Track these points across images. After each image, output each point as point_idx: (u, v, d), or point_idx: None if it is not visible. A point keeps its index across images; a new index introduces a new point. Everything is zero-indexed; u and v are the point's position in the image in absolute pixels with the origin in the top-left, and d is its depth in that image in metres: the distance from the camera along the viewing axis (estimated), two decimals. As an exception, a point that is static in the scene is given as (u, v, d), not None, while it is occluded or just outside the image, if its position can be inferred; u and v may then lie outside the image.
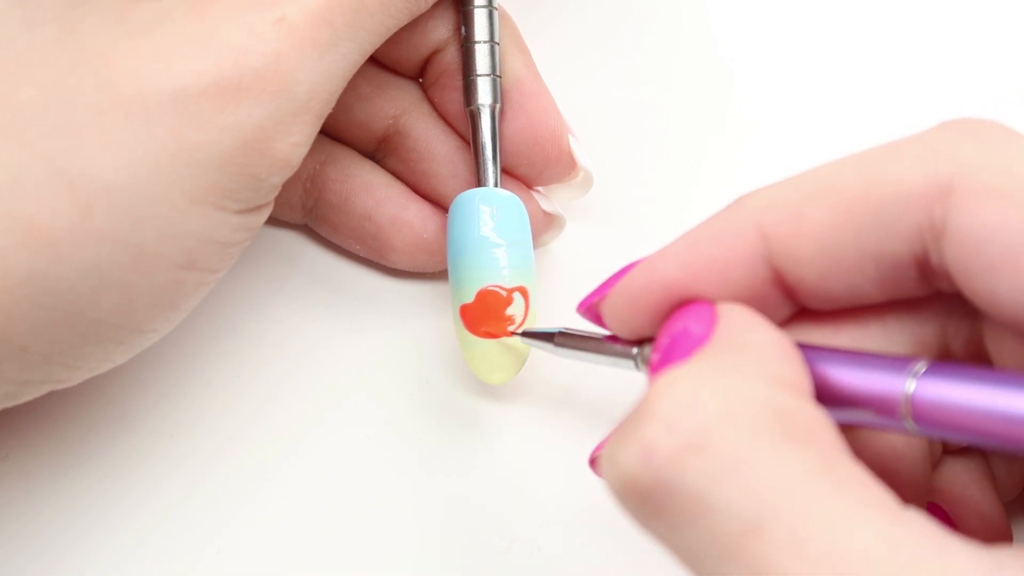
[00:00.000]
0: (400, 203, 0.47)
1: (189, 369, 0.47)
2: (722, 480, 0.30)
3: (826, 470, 0.30)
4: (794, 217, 0.34)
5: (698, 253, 0.35)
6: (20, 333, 0.38)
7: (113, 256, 0.38)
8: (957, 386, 0.32)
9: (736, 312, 0.35)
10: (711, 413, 0.31)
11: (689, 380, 0.32)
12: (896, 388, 0.33)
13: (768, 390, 0.32)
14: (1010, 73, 0.53)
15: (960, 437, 0.32)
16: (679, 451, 0.31)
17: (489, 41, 0.46)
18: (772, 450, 0.30)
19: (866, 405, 0.34)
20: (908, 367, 0.33)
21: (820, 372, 0.34)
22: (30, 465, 0.45)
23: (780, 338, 0.34)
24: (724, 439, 0.30)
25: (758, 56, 0.54)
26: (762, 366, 0.33)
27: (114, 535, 0.44)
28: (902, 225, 0.33)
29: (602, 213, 0.50)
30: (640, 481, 0.31)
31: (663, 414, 0.31)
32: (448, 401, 0.47)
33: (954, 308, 0.36)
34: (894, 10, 0.54)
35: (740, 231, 0.35)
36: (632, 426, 0.32)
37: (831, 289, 0.35)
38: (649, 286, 0.36)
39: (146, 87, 0.38)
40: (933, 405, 0.33)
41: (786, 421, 0.31)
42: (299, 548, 0.45)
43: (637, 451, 0.31)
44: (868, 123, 0.52)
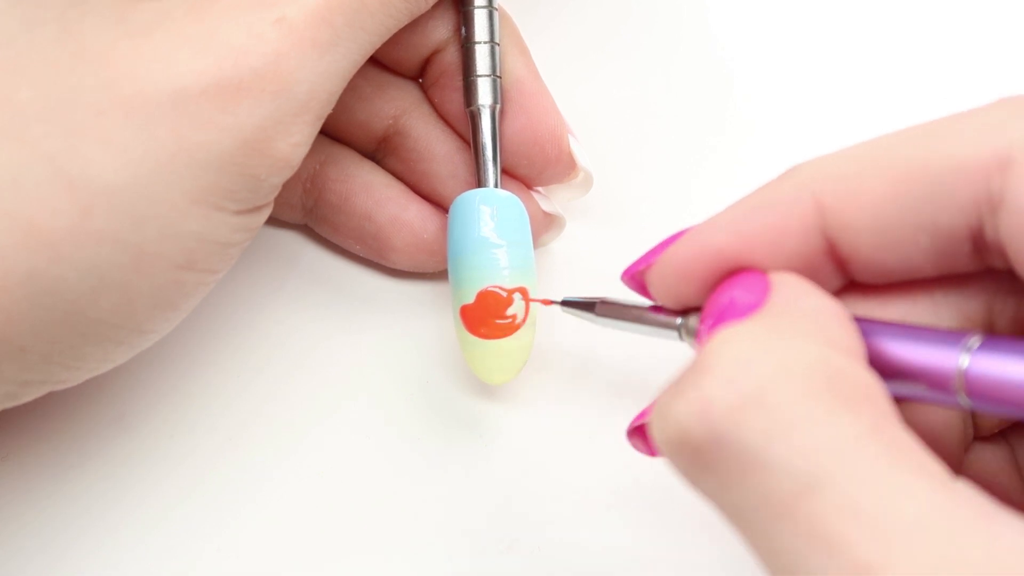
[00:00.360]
0: (400, 203, 0.47)
1: (189, 369, 0.47)
2: (778, 438, 0.30)
3: (880, 434, 0.30)
4: (850, 187, 0.34)
5: (752, 221, 0.35)
6: (20, 333, 0.38)
7: (113, 256, 0.38)
8: (1011, 360, 0.32)
9: (790, 280, 0.34)
10: (770, 370, 0.31)
11: (747, 338, 0.32)
12: (950, 362, 0.33)
13: (823, 351, 0.32)
14: (1010, 73, 0.53)
15: (1013, 412, 0.32)
16: (737, 406, 0.30)
17: (489, 41, 0.46)
18: (828, 411, 0.30)
19: (919, 378, 0.34)
20: (962, 341, 0.33)
21: (872, 343, 0.34)
22: (30, 465, 0.45)
23: (834, 305, 0.34)
24: (782, 397, 0.30)
25: (758, 56, 0.54)
26: (817, 329, 0.33)
27: (114, 535, 0.45)
28: (959, 197, 0.33)
29: (602, 213, 0.50)
30: (694, 435, 0.31)
31: (722, 369, 0.31)
32: (448, 401, 0.47)
33: (1002, 285, 0.36)
34: (894, 9, 0.54)
35: (795, 200, 0.35)
36: (688, 381, 0.31)
37: (884, 261, 0.35)
38: (700, 254, 0.36)
39: (146, 87, 0.38)
40: (987, 380, 0.32)
41: (842, 383, 0.31)
42: (299, 548, 0.45)
43: (693, 405, 0.31)
44: (868, 122, 0.52)
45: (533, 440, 0.46)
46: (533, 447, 0.46)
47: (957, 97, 0.52)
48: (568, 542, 0.45)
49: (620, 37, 0.54)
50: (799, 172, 0.35)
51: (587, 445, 0.46)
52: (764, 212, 0.35)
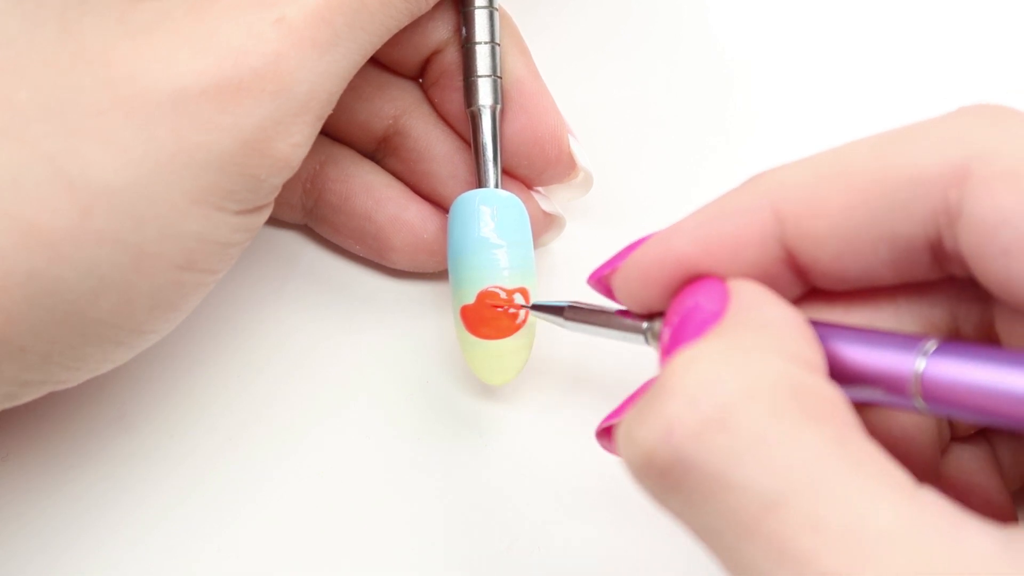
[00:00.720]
0: (400, 203, 0.47)
1: (189, 369, 0.47)
2: (742, 457, 0.30)
3: (843, 447, 0.30)
4: (809, 197, 0.34)
5: (711, 229, 0.35)
6: (19, 333, 0.38)
7: (113, 257, 0.38)
8: (967, 364, 0.32)
9: (748, 288, 0.35)
10: (733, 390, 0.31)
11: (709, 357, 0.32)
12: (906, 366, 0.33)
13: (786, 367, 0.32)
14: (1011, 72, 0.53)
15: (969, 416, 0.32)
16: (701, 428, 0.31)
17: (490, 42, 0.46)
18: (791, 427, 0.30)
19: (876, 382, 0.34)
20: (919, 345, 0.33)
21: (831, 349, 0.34)
22: (30, 465, 0.45)
23: (793, 314, 0.34)
24: (745, 416, 0.31)
25: (758, 56, 0.54)
26: (778, 343, 0.33)
27: (114, 535, 0.45)
28: (917, 208, 0.33)
29: (602, 213, 0.50)
30: (659, 458, 0.31)
31: (684, 391, 0.31)
32: (448, 401, 0.47)
33: (965, 292, 0.36)
34: (894, 9, 0.54)
35: (754, 209, 0.35)
36: (651, 403, 0.31)
37: (844, 270, 0.35)
38: (661, 260, 0.36)
39: (146, 87, 0.38)
40: (943, 383, 0.32)
41: (803, 398, 0.31)
42: (299, 548, 0.45)
43: (657, 428, 0.31)
44: (868, 122, 0.52)
45: (533, 440, 0.46)
46: (533, 447, 0.46)
47: (957, 96, 0.52)
48: (568, 542, 0.45)
49: (620, 37, 0.54)
50: (759, 181, 0.35)
51: (587, 445, 0.46)
52: (724, 220, 0.35)
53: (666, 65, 0.53)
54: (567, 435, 0.46)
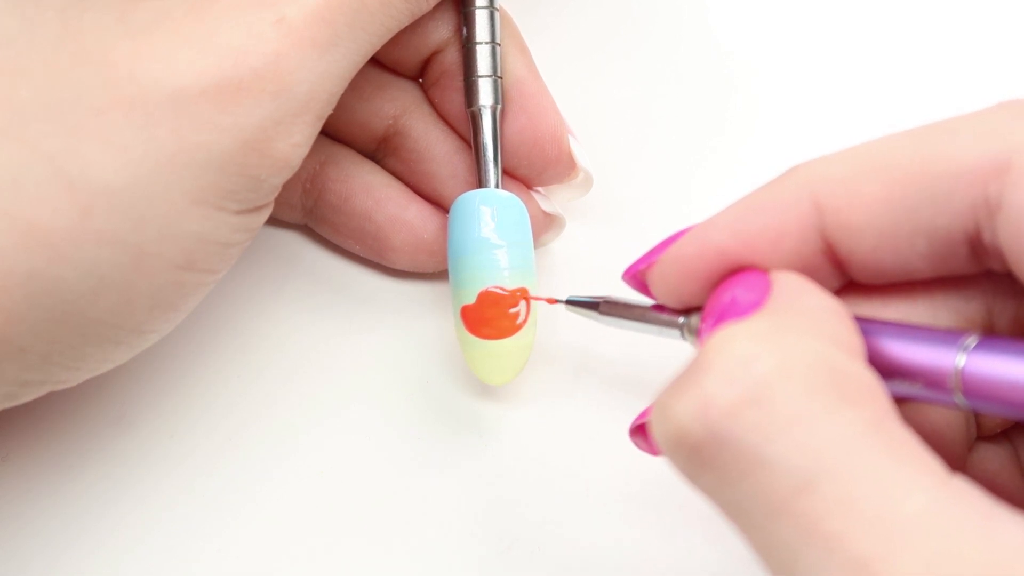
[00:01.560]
0: (400, 203, 0.47)
1: (189, 369, 0.47)
2: (777, 435, 0.30)
3: (879, 431, 0.30)
4: (848, 189, 0.34)
5: (751, 222, 0.35)
6: (19, 333, 0.38)
7: (113, 256, 0.38)
8: (1008, 360, 0.32)
9: (791, 278, 0.35)
10: (770, 368, 0.31)
11: (747, 336, 0.32)
12: (947, 361, 0.33)
13: (825, 349, 0.32)
14: (1011, 72, 0.53)
15: (1009, 411, 0.32)
16: (737, 405, 0.31)
17: (490, 42, 0.46)
18: (827, 408, 0.30)
19: (916, 377, 0.34)
20: (959, 340, 0.33)
21: (871, 342, 0.34)
22: (30, 465, 0.45)
23: (835, 303, 0.34)
24: (782, 395, 0.31)
25: (758, 56, 0.54)
26: (818, 327, 0.33)
27: (114, 535, 0.45)
28: (956, 201, 0.33)
29: (602, 213, 0.50)
30: (694, 433, 0.31)
31: (721, 367, 0.31)
32: (448, 401, 0.47)
33: (1001, 287, 0.36)
34: (894, 9, 0.54)
35: (794, 201, 0.35)
36: (688, 379, 0.31)
37: (882, 262, 0.35)
38: (701, 254, 0.36)
39: (146, 87, 0.38)
40: (983, 379, 0.33)
41: (841, 381, 0.31)
42: (299, 548, 0.45)
43: (693, 403, 0.31)
44: (868, 122, 0.52)
45: (533, 440, 0.46)
46: (533, 447, 0.46)
47: (958, 97, 0.52)
48: (568, 542, 0.45)
49: (620, 37, 0.54)
50: (798, 173, 0.35)
51: (587, 445, 0.46)
52: (763, 212, 0.35)
53: (666, 65, 0.53)
54: (567, 435, 0.46)
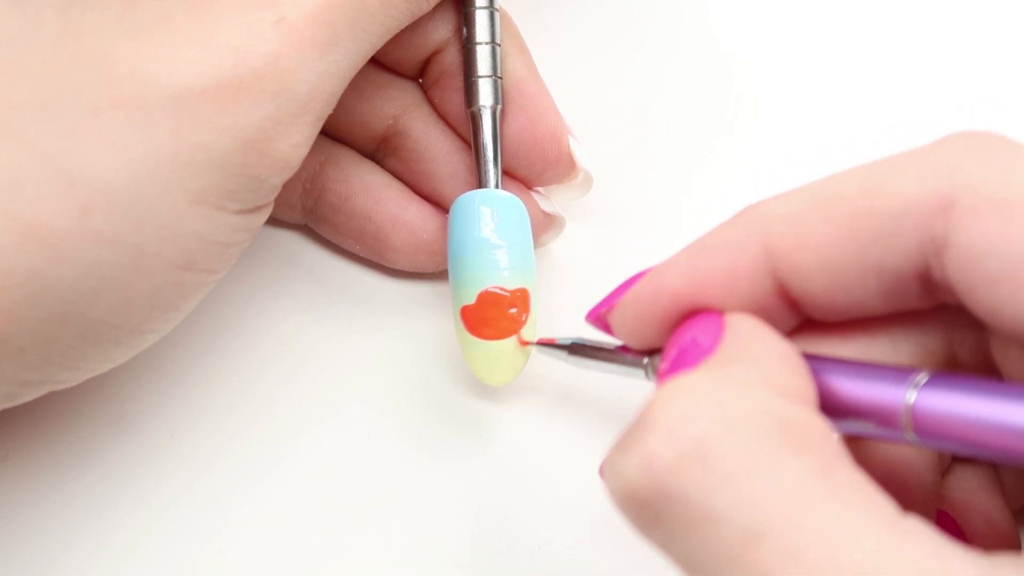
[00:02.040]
0: (400, 203, 0.47)
1: (189, 369, 0.47)
2: (721, 489, 0.30)
3: (826, 477, 0.30)
4: (797, 230, 0.35)
5: (703, 265, 0.36)
6: (19, 333, 0.38)
7: (112, 256, 0.38)
8: (958, 397, 0.32)
9: (743, 322, 0.35)
10: (711, 422, 0.31)
11: (690, 389, 0.32)
12: (897, 399, 0.33)
13: (770, 399, 0.32)
14: (1011, 72, 0.53)
15: (960, 449, 0.33)
16: (679, 460, 0.31)
17: (490, 42, 0.46)
18: (772, 458, 0.31)
19: (868, 416, 0.34)
20: (910, 378, 0.33)
21: (824, 382, 0.35)
22: (30, 465, 0.45)
23: (786, 348, 0.34)
24: (724, 448, 0.31)
25: (758, 57, 0.54)
26: (766, 375, 0.33)
27: (114, 535, 0.45)
28: (904, 239, 0.33)
29: (602, 213, 0.50)
30: (641, 490, 0.31)
31: (663, 423, 0.31)
32: (448, 401, 0.47)
33: (959, 319, 0.36)
34: (894, 10, 0.54)
35: (744, 243, 0.35)
36: (633, 435, 0.32)
37: (835, 302, 0.35)
38: (655, 297, 0.36)
39: (146, 87, 0.38)
40: (934, 416, 0.33)
41: (787, 429, 0.31)
42: (299, 548, 0.45)
43: (638, 460, 0.31)
44: (868, 124, 0.52)
45: (533, 440, 0.46)
46: (533, 447, 0.46)
47: (957, 97, 0.52)
48: (568, 542, 0.45)
49: (620, 37, 0.54)
50: (748, 215, 0.36)
51: (587, 445, 0.46)
52: (715, 255, 0.36)
53: (666, 65, 0.53)
54: (567, 435, 0.46)
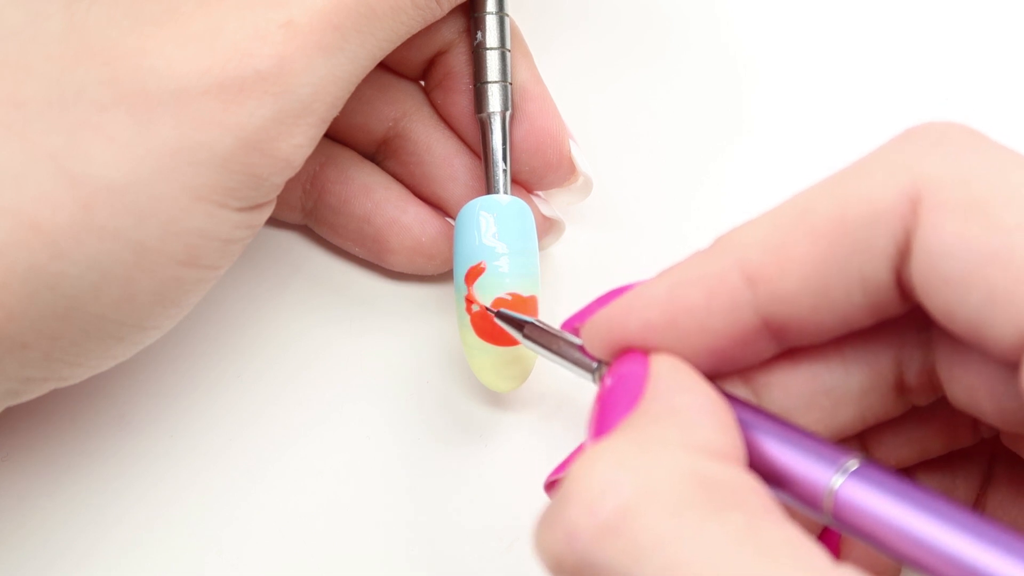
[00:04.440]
0: (399, 206, 0.47)
1: (190, 369, 0.47)
2: (645, 559, 0.30)
3: (753, 537, 0.30)
4: (776, 254, 0.34)
5: (680, 298, 0.35)
6: (21, 329, 0.38)
7: (115, 252, 0.38)
8: (881, 494, 0.32)
9: (666, 371, 0.34)
10: (629, 493, 0.31)
11: (608, 459, 0.31)
12: (823, 479, 0.33)
13: (691, 460, 0.31)
14: (1011, 71, 0.53)
15: (873, 544, 0.32)
16: (600, 533, 0.30)
17: (500, 48, 0.46)
18: (695, 523, 0.30)
19: (789, 486, 0.33)
20: (840, 461, 0.33)
21: (752, 439, 0.34)
22: (30, 465, 0.45)
23: (709, 399, 0.34)
24: (644, 517, 0.30)
25: (761, 63, 0.54)
26: (686, 434, 0.32)
27: (114, 534, 0.45)
28: (880, 244, 0.33)
29: (601, 218, 0.50)
30: (566, 562, 0.31)
31: (582, 497, 0.31)
32: (448, 402, 0.47)
33: (909, 337, 0.36)
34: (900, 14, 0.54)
35: (721, 276, 0.34)
36: (555, 508, 0.31)
37: (821, 322, 0.34)
38: (626, 325, 0.35)
39: (149, 84, 0.38)
40: (854, 508, 0.32)
41: (710, 490, 0.31)
42: (299, 548, 0.45)
43: (560, 534, 0.31)
44: (872, 128, 0.52)
45: (533, 441, 0.46)
46: (533, 447, 0.46)
47: (959, 98, 0.53)
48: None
49: (620, 42, 0.54)
50: (723, 245, 0.35)
51: (587, 447, 0.46)
52: (692, 288, 0.35)
53: (666, 69, 0.53)
54: (567, 435, 0.46)
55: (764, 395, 0.36)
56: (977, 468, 0.40)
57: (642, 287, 0.35)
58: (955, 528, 0.31)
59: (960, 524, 0.31)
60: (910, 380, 0.36)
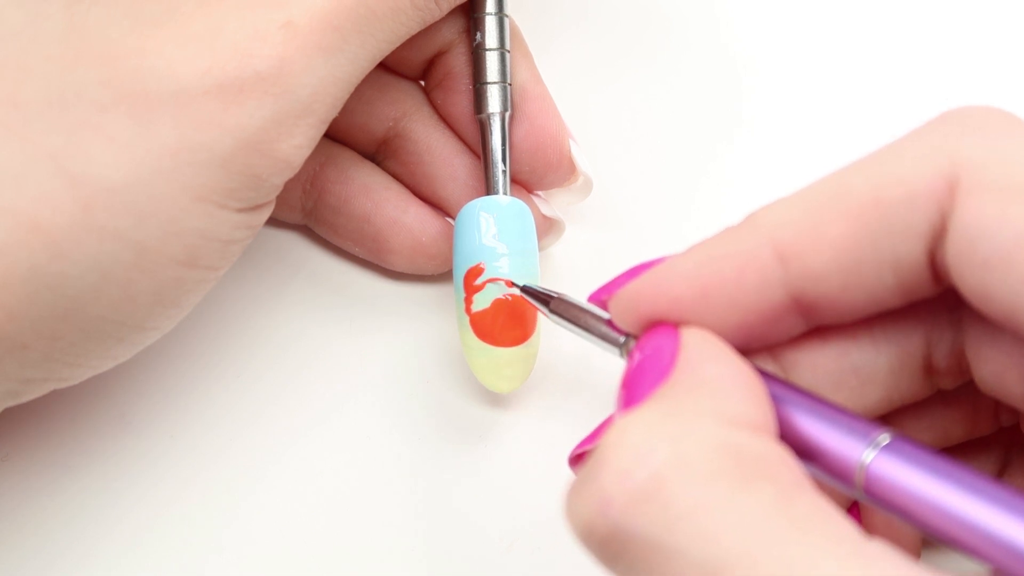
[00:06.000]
0: (399, 206, 0.47)
1: (191, 369, 0.47)
2: (677, 527, 0.30)
3: (784, 508, 0.30)
4: (809, 231, 0.34)
5: (710, 273, 0.35)
6: (21, 330, 0.38)
7: (114, 253, 0.38)
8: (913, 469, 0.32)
9: (698, 342, 0.34)
10: (663, 461, 0.31)
11: (642, 427, 0.32)
12: (854, 454, 0.33)
13: (723, 430, 0.32)
14: (1014, 71, 0.53)
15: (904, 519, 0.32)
16: (632, 500, 0.31)
17: (499, 48, 0.46)
18: (727, 492, 0.30)
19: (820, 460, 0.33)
20: (871, 435, 0.33)
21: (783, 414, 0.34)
22: (30, 465, 0.45)
23: (741, 371, 0.34)
24: (677, 486, 0.30)
25: (761, 62, 0.54)
26: (718, 405, 0.33)
27: (114, 534, 0.45)
28: (915, 224, 0.33)
29: (602, 217, 0.51)
30: (598, 529, 0.31)
31: (616, 464, 0.31)
32: (448, 401, 0.47)
33: (940, 318, 0.36)
34: (899, 13, 0.55)
35: (753, 251, 0.34)
36: (588, 475, 0.32)
37: (852, 302, 0.35)
38: (656, 300, 0.36)
39: (149, 85, 0.38)
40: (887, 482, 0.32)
41: (742, 461, 0.31)
42: (300, 548, 0.45)
43: (594, 501, 0.31)
44: (869, 127, 0.52)
45: (533, 440, 0.46)
46: (533, 447, 0.46)
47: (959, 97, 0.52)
48: (568, 542, 0.44)
49: (622, 42, 0.54)
50: (757, 220, 0.35)
51: (587, 446, 0.46)
52: (723, 263, 0.35)
53: (667, 69, 0.54)
54: (567, 435, 0.46)
55: (792, 373, 0.36)
56: (994, 457, 0.40)
57: (671, 261, 0.36)
58: (990, 502, 0.31)
59: (995, 498, 0.31)
60: (938, 362, 0.36)
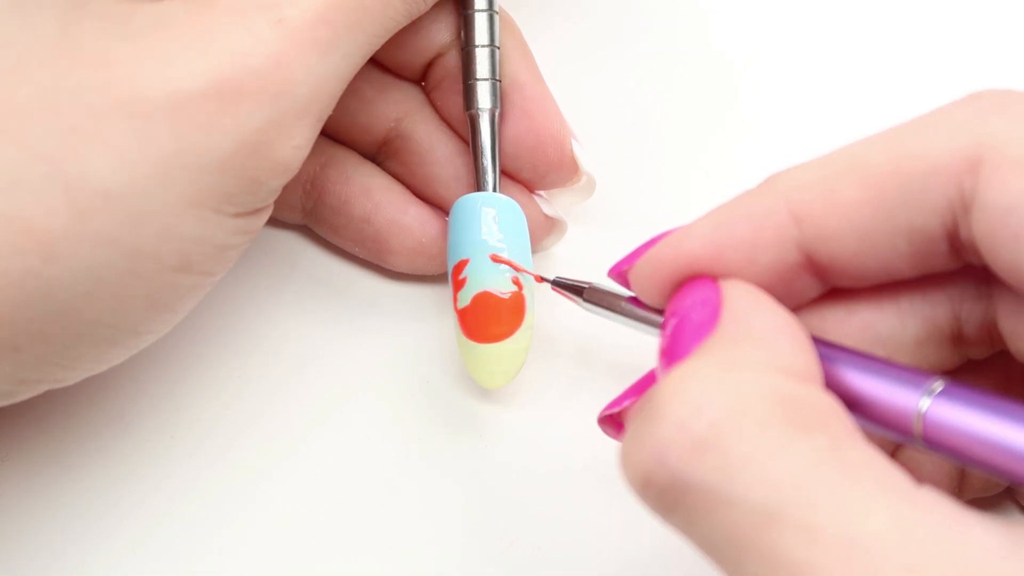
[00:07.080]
0: (399, 206, 0.47)
1: (190, 369, 0.47)
2: (735, 475, 0.31)
3: (837, 456, 0.31)
4: (825, 195, 0.35)
5: (727, 232, 0.36)
6: (14, 333, 0.38)
7: (109, 258, 0.38)
8: (973, 412, 0.32)
9: (741, 294, 0.35)
10: (720, 410, 0.31)
11: (697, 376, 0.32)
12: (909, 404, 0.33)
13: (775, 380, 0.32)
14: (1012, 70, 0.53)
15: (966, 462, 0.32)
16: (691, 450, 0.31)
17: (489, 45, 0.46)
18: (782, 441, 0.31)
19: (876, 415, 0.34)
20: (924, 384, 0.33)
21: (832, 372, 0.34)
22: (30, 465, 0.45)
23: (787, 321, 0.34)
24: (734, 435, 0.31)
25: (759, 59, 0.54)
26: (769, 355, 0.33)
27: (114, 535, 0.45)
28: (932, 199, 0.34)
29: (604, 217, 0.50)
30: (656, 479, 0.32)
31: (674, 414, 0.32)
32: (448, 401, 0.47)
33: (968, 290, 0.36)
34: (893, 8, 0.54)
35: (770, 212, 0.35)
36: (645, 426, 0.32)
37: (864, 267, 0.35)
38: (675, 261, 0.36)
39: (145, 89, 0.38)
40: (945, 428, 0.32)
41: (795, 410, 0.31)
42: (300, 549, 0.45)
43: (651, 451, 0.32)
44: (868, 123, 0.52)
45: (533, 440, 0.46)
46: (533, 447, 0.46)
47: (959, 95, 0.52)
48: (568, 542, 0.45)
49: (622, 41, 0.54)
50: (775, 182, 0.36)
51: (587, 444, 0.46)
52: (739, 223, 0.36)
53: (669, 69, 0.53)
54: (567, 435, 0.46)
55: None
56: None
57: (689, 225, 0.36)
58: None
59: None
60: (968, 333, 0.37)
